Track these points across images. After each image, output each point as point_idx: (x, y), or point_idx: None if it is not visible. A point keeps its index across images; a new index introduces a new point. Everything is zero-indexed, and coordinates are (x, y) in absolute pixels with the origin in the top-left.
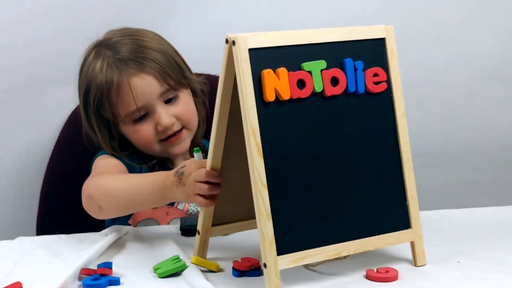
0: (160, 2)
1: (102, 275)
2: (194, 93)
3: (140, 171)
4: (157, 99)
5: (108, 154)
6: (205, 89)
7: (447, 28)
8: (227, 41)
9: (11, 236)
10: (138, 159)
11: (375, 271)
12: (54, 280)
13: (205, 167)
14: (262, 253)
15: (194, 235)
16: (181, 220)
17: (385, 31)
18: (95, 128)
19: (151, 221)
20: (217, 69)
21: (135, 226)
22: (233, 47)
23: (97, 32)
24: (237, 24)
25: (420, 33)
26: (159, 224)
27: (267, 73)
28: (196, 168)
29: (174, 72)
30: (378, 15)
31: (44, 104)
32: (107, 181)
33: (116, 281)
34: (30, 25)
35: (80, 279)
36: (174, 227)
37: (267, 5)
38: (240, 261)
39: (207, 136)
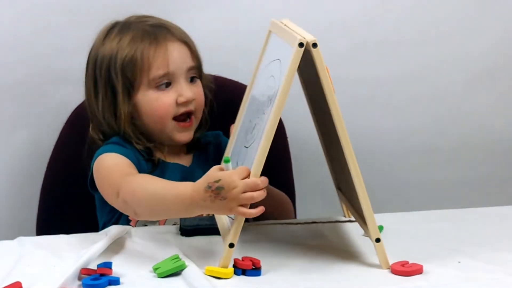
0: (159, 2)
1: (102, 275)
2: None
3: (146, 167)
4: (185, 72)
5: (108, 152)
6: (212, 88)
7: (443, 26)
8: (301, 44)
9: (11, 236)
10: (136, 138)
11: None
12: (54, 280)
13: (247, 176)
14: (372, 231)
15: (193, 235)
16: (180, 220)
17: None
18: (106, 94)
19: None
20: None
21: (136, 223)
22: (313, 49)
23: (96, 32)
24: (236, 23)
25: (416, 32)
26: (159, 222)
27: (327, 69)
28: (240, 178)
29: (199, 56)
30: (375, 15)
31: (44, 104)
32: (138, 189)
33: (116, 281)
34: (30, 24)
35: (80, 279)
36: (174, 227)
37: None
38: (241, 259)
39: None
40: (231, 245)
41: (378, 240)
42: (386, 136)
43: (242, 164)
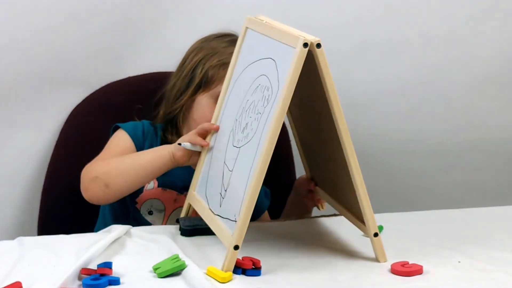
0: (159, 3)
1: (102, 275)
2: None
3: None
4: None
5: (125, 131)
6: None
7: (449, 28)
8: (305, 45)
9: (12, 237)
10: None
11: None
12: (54, 280)
13: None
14: (371, 226)
15: (193, 235)
16: (180, 220)
17: None
18: (184, 78)
19: (157, 202)
20: None
21: (141, 204)
22: (317, 50)
23: (96, 33)
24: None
25: (421, 34)
26: (164, 207)
27: None
28: None
29: None
30: (379, 16)
31: (45, 105)
32: (113, 161)
33: (116, 281)
34: (30, 26)
35: (80, 279)
36: (174, 227)
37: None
38: (241, 259)
39: None
40: (236, 247)
41: (376, 234)
42: (389, 138)
43: (235, 164)
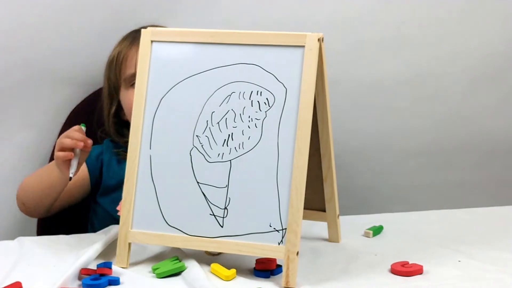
0: (159, 2)
1: (102, 275)
2: None
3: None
4: None
5: None
6: None
7: (444, 27)
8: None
9: (12, 237)
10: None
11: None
12: (54, 280)
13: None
14: (336, 207)
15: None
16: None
17: None
18: (107, 96)
19: None
20: None
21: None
22: (322, 43)
23: (96, 33)
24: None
25: (417, 33)
26: None
27: None
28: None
29: None
30: (376, 16)
31: (44, 105)
32: (25, 180)
33: (116, 281)
34: (30, 26)
35: (80, 279)
36: None
37: (265, 6)
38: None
39: None
40: (297, 253)
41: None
42: (387, 138)
43: (229, 178)
